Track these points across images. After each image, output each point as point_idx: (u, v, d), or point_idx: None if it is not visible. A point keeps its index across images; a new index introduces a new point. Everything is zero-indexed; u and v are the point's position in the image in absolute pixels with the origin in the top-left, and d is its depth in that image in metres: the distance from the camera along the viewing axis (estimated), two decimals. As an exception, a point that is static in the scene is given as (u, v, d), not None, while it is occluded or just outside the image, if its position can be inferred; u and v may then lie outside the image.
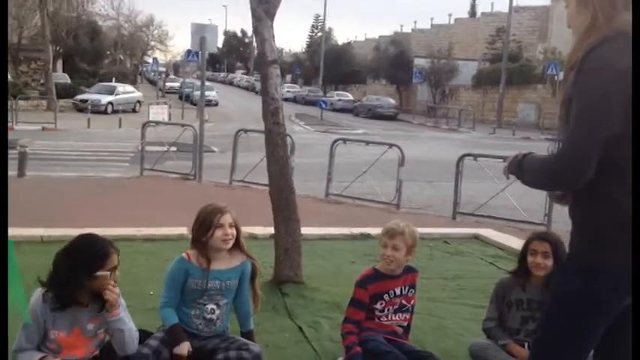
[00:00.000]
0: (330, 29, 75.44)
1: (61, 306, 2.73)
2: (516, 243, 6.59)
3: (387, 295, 3.23)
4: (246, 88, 69.84)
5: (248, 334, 3.28)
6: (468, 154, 9.95)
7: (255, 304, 3.31)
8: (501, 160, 8.63)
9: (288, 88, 59.31)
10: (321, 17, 68.69)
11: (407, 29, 69.55)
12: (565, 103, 2.09)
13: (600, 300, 2.06)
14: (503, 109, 35.93)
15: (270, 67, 4.49)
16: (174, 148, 13.58)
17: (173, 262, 3.22)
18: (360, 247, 6.11)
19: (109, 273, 2.75)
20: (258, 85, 66.73)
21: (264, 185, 11.13)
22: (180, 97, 36.70)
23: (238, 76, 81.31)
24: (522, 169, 2.17)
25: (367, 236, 6.53)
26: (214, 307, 3.18)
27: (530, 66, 39.77)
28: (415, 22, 72.62)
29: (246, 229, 3.74)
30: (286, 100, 55.52)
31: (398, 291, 3.25)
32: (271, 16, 4.48)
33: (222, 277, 3.17)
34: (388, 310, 3.24)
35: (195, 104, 35.19)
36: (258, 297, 3.30)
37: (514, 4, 38.24)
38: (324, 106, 35.82)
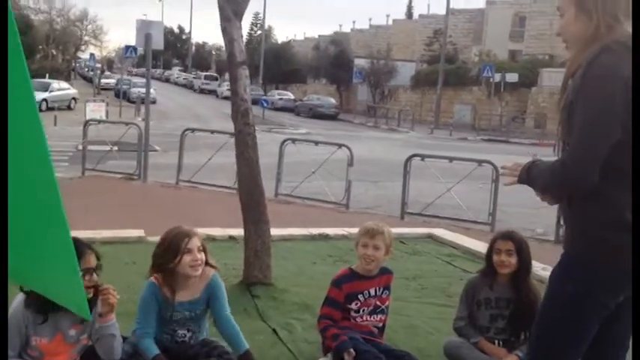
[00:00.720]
0: (269, 27, 75.30)
1: (43, 311, 2.67)
2: (469, 242, 6.81)
3: (361, 295, 3.30)
4: (184, 86, 68.78)
5: (246, 356, 3.01)
6: (416, 155, 10.16)
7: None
8: (448, 160, 8.79)
9: (228, 87, 58.66)
10: (261, 15, 68.57)
11: (346, 29, 70.23)
12: (566, 107, 2.17)
13: (596, 299, 2.16)
14: (440, 110, 36.79)
15: (240, 68, 4.49)
16: (115, 148, 13.28)
17: (144, 287, 3.09)
18: (320, 247, 6.17)
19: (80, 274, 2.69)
20: (196, 83, 66.38)
21: (212, 186, 11.24)
22: (117, 95, 35.80)
23: (175, 73, 79.94)
24: (531, 177, 2.25)
25: (326, 237, 6.61)
26: (185, 332, 3.08)
27: (466, 68, 40.84)
28: (354, 22, 73.40)
29: (202, 231, 3.66)
30: (226, 98, 55.16)
31: (372, 292, 3.33)
32: (240, 16, 4.48)
33: (189, 308, 3.06)
34: (363, 310, 3.32)
35: (132, 102, 34.42)
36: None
37: (449, 6, 39.12)
38: (265, 105, 35.67)
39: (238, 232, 5.10)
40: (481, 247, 6.65)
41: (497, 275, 3.33)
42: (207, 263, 3.06)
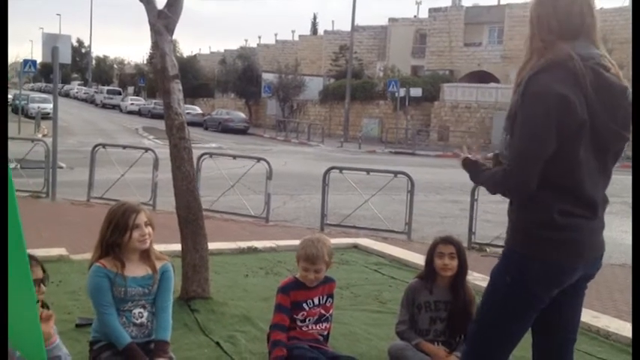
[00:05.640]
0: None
1: None
2: (394, 250, 7.02)
3: (305, 304, 3.35)
4: (85, 100, 66.56)
5: (162, 345, 3.04)
6: (334, 167, 10.33)
7: None
8: (365, 172, 8.98)
9: (132, 101, 57.28)
10: (165, 29, 67.25)
11: (252, 44, 70.26)
12: (511, 116, 2.36)
13: (530, 290, 2.35)
14: (349, 123, 37.50)
15: (172, 82, 4.45)
16: (18, 165, 12.62)
17: (89, 275, 3.05)
18: (249, 260, 6.17)
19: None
20: (98, 97, 64.17)
21: (126, 202, 10.90)
22: (15, 110, 34.05)
23: (75, 87, 77.09)
24: (479, 177, 2.51)
25: (255, 250, 6.61)
26: (141, 310, 3.07)
27: (372, 83, 41.90)
28: (259, 37, 73.60)
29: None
30: (130, 112, 53.78)
31: (316, 300, 3.38)
32: (171, 30, 4.44)
33: (142, 283, 3.07)
34: (309, 320, 3.36)
35: (31, 117, 32.85)
36: None
37: (354, 23, 40.09)
38: (173, 119, 34.97)
39: (164, 247, 5.01)
40: (405, 254, 6.89)
41: (436, 279, 3.47)
42: (153, 253, 3.12)
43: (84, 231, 7.60)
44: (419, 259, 6.66)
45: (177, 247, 5.11)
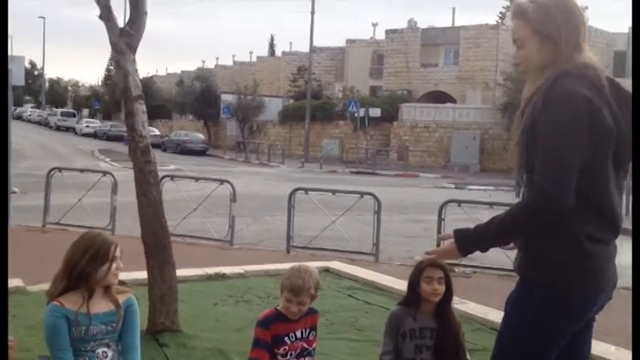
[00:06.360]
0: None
1: None
2: (365, 273, 6.86)
3: (287, 337, 3.15)
4: (38, 123, 65.22)
5: None
6: (300, 189, 10.18)
7: None
8: (331, 193, 8.83)
9: (88, 123, 56.25)
10: (121, 50, 66.46)
11: (210, 65, 69.93)
12: (526, 130, 2.15)
13: (555, 327, 2.15)
14: (309, 144, 37.46)
15: (136, 103, 4.23)
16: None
17: (46, 314, 2.75)
18: (217, 287, 5.92)
19: None
20: (52, 120, 62.91)
21: (84, 227, 10.49)
22: (-37, 133, 32.88)
23: (28, 110, 75.39)
24: (487, 237, 2.20)
25: (223, 276, 6.36)
26: (105, 349, 2.79)
27: (332, 103, 42.07)
28: (217, 59, 73.32)
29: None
30: (85, 135, 52.73)
31: (299, 334, 3.18)
32: (133, 49, 4.24)
33: (105, 320, 2.79)
34: (290, 354, 3.16)
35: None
36: None
37: (312, 44, 40.29)
38: (130, 141, 34.38)
39: (126, 275, 4.75)
40: (377, 277, 6.74)
41: (420, 305, 3.31)
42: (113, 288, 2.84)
43: (41, 259, 7.23)
44: (392, 282, 6.55)
45: (140, 274, 4.86)
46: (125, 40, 4.18)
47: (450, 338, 3.25)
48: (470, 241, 2.25)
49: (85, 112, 69.49)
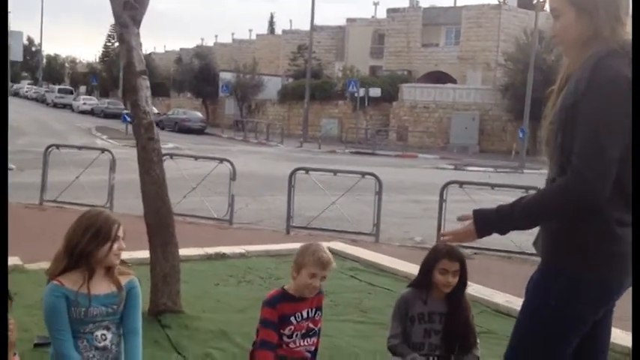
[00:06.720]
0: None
1: None
2: (367, 254, 6.78)
3: (294, 317, 3.08)
4: (35, 100, 64.90)
5: None
6: (301, 168, 10.07)
7: None
8: (332, 173, 8.71)
9: (85, 100, 55.92)
10: (119, 27, 65.89)
11: (209, 43, 69.38)
12: (565, 109, 2.04)
13: (579, 313, 2.08)
14: (308, 123, 37.27)
15: (139, 78, 4.10)
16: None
17: (45, 293, 2.67)
18: (218, 267, 5.84)
19: None
20: (49, 97, 62.63)
21: (81, 205, 10.39)
22: (-40, 109, 32.67)
23: (25, 86, 74.94)
24: (512, 218, 2.11)
25: (223, 255, 6.27)
26: (104, 332, 2.71)
27: (332, 83, 41.81)
28: (216, 36, 72.80)
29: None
30: (83, 112, 52.39)
31: (305, 314, 3.12)
32: (138, 23, 4.10)
33: (106, 302, 2.71)
34: (296, 335, 3.09)
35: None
36: None
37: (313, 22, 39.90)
38: (128, 119, 34.12)
39: (127, 255, 4.66)
40: (380, 259, 6.67)
41: (432, 289, 3.23)
42: (116, 269, 2.75)
43: (39, 237, 7.14)
44: (394, 263, 6.48)
45: (141, 254, 4.77)
46: (129, 12, 4.04)
47: (459, 323, 3.18)
48: (491, 222, 2.16)
49: (83, 89, 69.11)
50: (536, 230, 2.26)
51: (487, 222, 2.16)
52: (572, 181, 1.99)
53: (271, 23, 75.67)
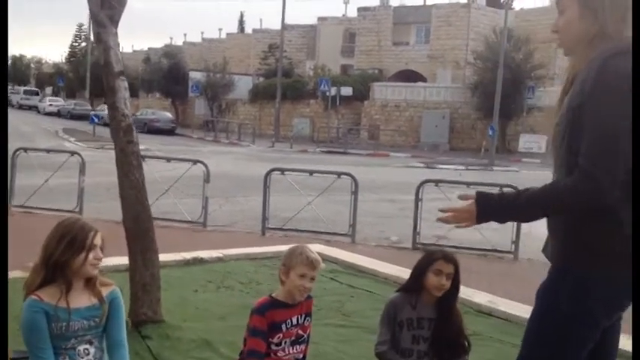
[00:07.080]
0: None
1: None
2: (346, 256, 6.72)
3: (284, 325, 3.00)
4: (-1, 101, 63.46)
5: None
6: (276, 169, 9.96)
7: None
8: (308, 174, 8.62)
9: (51, 102, 54.92)
10: (85, 26, 64.91)
11: (177, 42, 68.65)
12: (572, 109, 2.01)
13: (592, 318, 2.04)
14: (280, 123, 37.13)
15: (118, 79, 3.97)
16: None
17: (24, 309, 2.54)
18: (196, 273, 5.70)
19: None
20: (15, 98, 61.39)
21: (51, 210, 10.15)
22: None
23: (-11, 87, 73.27)
24: (514, 207, 2.07)
25: (201, 260, 6.14)
26: (87, 346, 2.60)
27: (303, 82, 41.70)
28: (185, 35, 72.03)
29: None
30: (49, 114, 51.42)
31: (295, 320, 3.04)
32: (115, 22, 3.97)
33: (87, 315, 2.59)
34: (285, 342, 3.01)
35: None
36: None
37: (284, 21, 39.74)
38: (95, 120, 33.57)
39: (103, 262, 4.53)
40: (360, 260, 6.61)
41: (422, 294, 3.16)
42: (97, 280, 2.64)
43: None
44: (373, 264, 6.43)
45: (117, 260, 4.64)
46: (107, 12, 3.90)
47: (448, 330, 3.12)
48: (492, 207, 2.11)
49: (49, 90, 67.90)
50: (538, 232, 2.21)
51: (488, 206, 2.10)
52: (581, 181, 1.97)
53: (241, 22, 75.28)
